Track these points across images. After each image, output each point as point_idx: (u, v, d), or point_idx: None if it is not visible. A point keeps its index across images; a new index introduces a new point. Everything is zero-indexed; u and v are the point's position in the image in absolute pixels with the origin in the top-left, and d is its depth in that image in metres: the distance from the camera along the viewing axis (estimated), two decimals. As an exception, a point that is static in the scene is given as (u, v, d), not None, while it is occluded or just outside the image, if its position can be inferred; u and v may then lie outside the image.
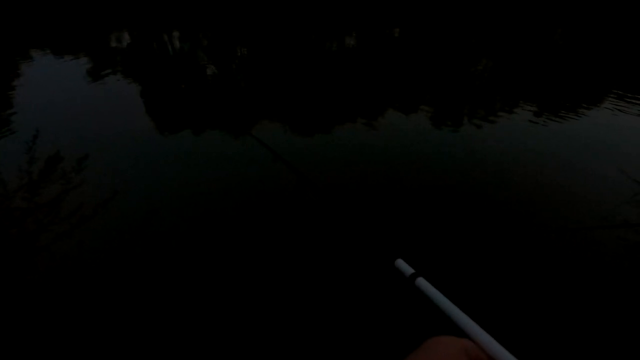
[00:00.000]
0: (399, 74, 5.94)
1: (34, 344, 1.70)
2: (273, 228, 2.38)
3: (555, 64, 6.80)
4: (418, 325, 1.76)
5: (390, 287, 1.98)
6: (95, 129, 3.67)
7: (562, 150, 3.54)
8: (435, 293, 0.51)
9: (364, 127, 3.94)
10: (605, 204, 2.74)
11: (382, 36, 9.42)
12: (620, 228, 2.48)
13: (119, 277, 2.02)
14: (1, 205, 2.51)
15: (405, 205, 2.63)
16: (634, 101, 4.89)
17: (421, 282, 0.54)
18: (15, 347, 1.72)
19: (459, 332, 0.47)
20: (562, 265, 2.17)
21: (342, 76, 5.71)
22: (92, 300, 1.89)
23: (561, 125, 4.16)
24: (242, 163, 3.13)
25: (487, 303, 1.90)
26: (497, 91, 5.30)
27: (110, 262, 2.12)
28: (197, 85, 5.20)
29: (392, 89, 5.18)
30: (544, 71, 6.33)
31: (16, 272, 2.08)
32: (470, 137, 3.77)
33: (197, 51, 7.47)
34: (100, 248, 2.22)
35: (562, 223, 2.52)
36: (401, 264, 0.58)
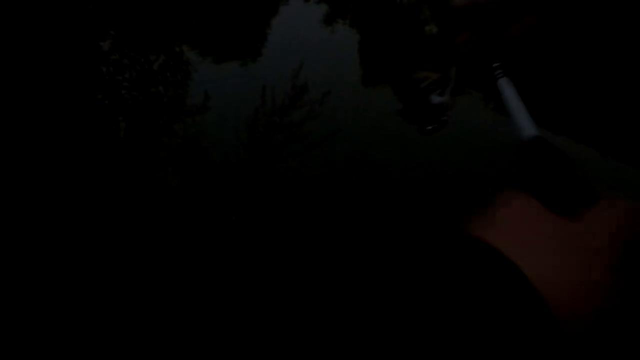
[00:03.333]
0: None
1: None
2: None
3: None
4: None
5: None
6: (331, 69, 4.20)
7: None
8: None
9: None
10: None
11: None
12: None
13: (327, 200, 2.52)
14: (265, 118, 3.35)
15: None
16: None
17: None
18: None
19: None
20: None
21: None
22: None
23: None
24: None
25: None
26: None
27: (322, 186, 2.64)
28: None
29: None
30: None
31: (260, 176, 2.84)
32: None
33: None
34: (317, 172, 2.76)
35: None
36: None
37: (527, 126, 0.36)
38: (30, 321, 1.67)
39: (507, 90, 0.43)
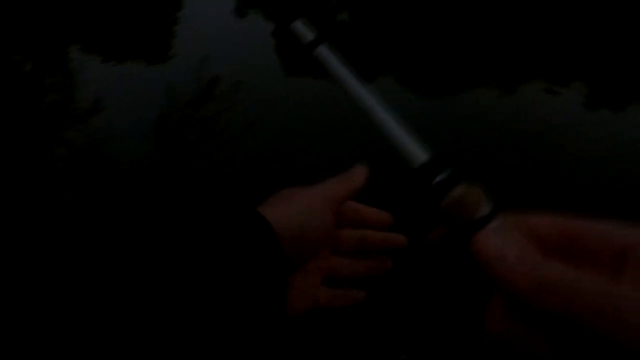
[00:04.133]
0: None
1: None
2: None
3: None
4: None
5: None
6: (244, 59, 4.10)
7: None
8: (336, 64, 0.40)
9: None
10: None
11: None
12: None
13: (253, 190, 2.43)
14: (174, 115, 3.11)
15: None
16: None
17: (323, 50, 0.42)
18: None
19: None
20: None
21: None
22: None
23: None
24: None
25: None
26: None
27: (249, 178, 2.54)
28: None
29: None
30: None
31: (181, 173, 2.63)
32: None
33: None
34: (243, 164, 2.65)
35: None
36: (300, 26, 0.44)
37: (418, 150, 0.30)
38: None
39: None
